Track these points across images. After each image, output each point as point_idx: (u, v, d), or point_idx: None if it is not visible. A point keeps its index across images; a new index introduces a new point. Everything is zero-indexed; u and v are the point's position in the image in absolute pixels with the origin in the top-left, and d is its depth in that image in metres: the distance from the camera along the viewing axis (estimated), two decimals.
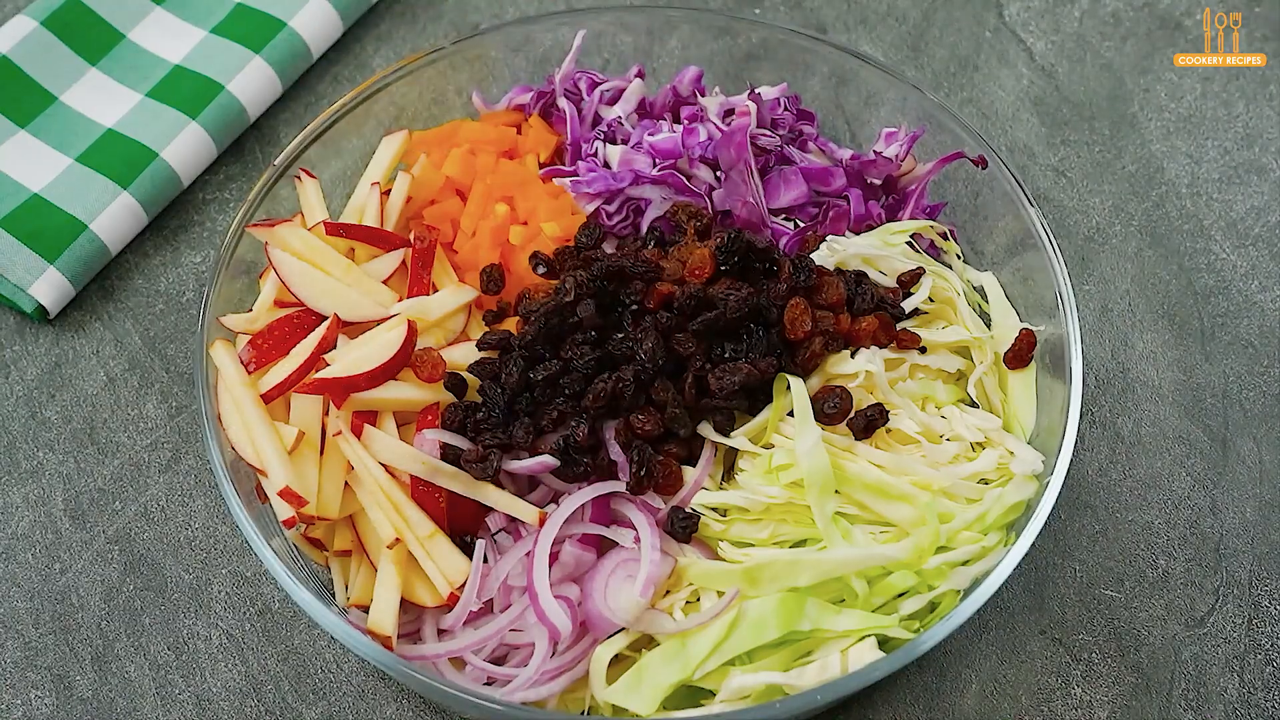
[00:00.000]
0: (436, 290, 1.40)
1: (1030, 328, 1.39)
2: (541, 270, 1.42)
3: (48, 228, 1.59)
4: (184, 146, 1.66)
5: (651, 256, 1.36)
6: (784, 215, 1.49)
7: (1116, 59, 1.83)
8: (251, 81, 1.71)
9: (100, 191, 1.61)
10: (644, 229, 1.48)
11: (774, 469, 1.25)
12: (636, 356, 1.26)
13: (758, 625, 1.17)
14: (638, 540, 1.24)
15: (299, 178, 1.47)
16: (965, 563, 1.22)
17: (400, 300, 1.37)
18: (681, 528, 1.25)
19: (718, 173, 1.50)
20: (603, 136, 1.55)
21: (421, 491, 1.25)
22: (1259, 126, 1.76)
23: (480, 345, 1.34)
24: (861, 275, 1.38)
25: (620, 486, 1.26)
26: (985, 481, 1.29)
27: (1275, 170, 1.73)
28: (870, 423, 1.28)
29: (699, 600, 1.22)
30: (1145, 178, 1.72)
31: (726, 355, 1.29)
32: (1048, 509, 1.22)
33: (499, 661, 1.25)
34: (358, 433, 1.26)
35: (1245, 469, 1.49)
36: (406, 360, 1.29)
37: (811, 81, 1.61)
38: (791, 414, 1.27)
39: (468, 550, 1.26)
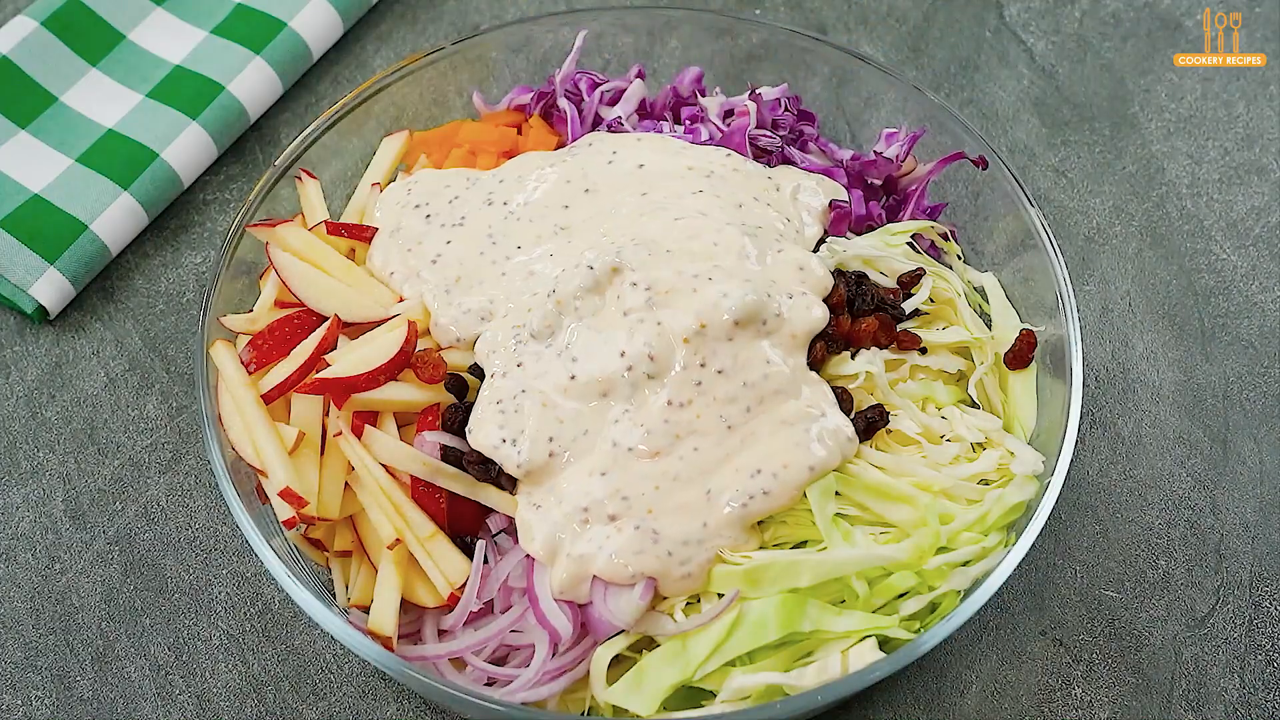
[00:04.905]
0: None
1: (1031, 328, 1.39)
2: None
3: (48, 228, 1.58)
4: (184, 147, 1.66)
5: None
6: None
7: (1116, 59, 1.83)
8: (252, 82, 1.71)
9: (101, 192, 1.61)
10: None
11: None
12: None
13: (758, 626, 1.17)
14: None
15: (299, 178, 1.47)
16: (966, 563, 1.22)
17: (400, 300, 1.37)
18: None
19: None
20: None
21: (422, 492, 1.25)
22: (1259, 127, 1.76)
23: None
24: (862, 276, 1.38)
25: None
26: (986, 482, 1.29)
27: (1275, 170, 1.72)
28: (870, 424, 1.28)
29: (699, 601, 1.22)
30: (1145, 178, 1.72)
31: None
32: (1048, 509, 1.22)
33: (499, 662, 1.25)
34: (358, 433, 1.26)
35: (1245, 469, 1.49)
36: (407, 361, 1.29)
37: (812, 82, 1.61)
38: None
39: (468, 551, 1.26)
